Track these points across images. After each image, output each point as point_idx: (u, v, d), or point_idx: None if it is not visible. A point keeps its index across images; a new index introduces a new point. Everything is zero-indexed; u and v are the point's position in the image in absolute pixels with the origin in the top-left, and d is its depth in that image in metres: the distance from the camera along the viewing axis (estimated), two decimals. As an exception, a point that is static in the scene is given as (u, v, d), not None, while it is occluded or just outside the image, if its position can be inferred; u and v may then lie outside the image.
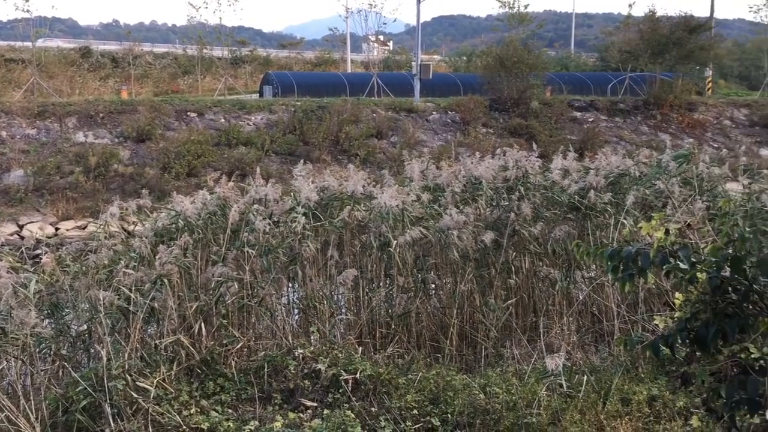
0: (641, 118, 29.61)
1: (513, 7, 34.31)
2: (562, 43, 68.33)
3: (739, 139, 28.87)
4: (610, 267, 2.98)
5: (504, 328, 7.73)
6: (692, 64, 33.25)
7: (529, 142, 18.45)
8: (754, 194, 8.38)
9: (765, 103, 33.57)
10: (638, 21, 34.66)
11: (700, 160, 9.69)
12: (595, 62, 49.63)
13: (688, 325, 2.86)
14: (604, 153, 10.50)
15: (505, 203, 8.23)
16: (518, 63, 27.58)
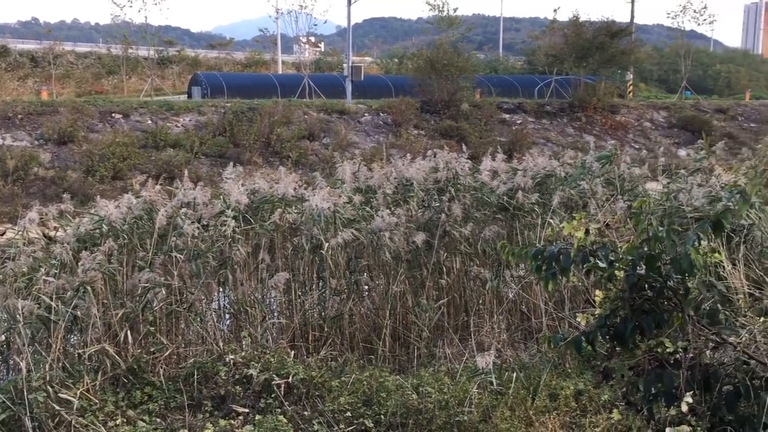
0: (567, 120, 30.47)
1: (442, 11, 34.77)
2: (491, 47, 69.63)
3: (658, 140, 30.06)
4: (534, 266, 3.05)
5: (436, 328, 7.82)
6: (614, 67, 34.44)
7: (460, 144, 18.72)
8: (672, 194, 8.72)
9: (682, 105, 35.11)
10: (563, 26, 35.68)
11: (622, 161, 10.01)
12: (522, 65, 50.76)
13: (607, 321, 2.96)
14: (531, 154, 10.75)
15: (436, 204, 8.33)
16: (448, 66, 27.97)
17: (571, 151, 11.52)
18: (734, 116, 34.83)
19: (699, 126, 30.33)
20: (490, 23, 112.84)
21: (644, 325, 2.85)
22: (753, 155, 11.48)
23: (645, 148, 25.03)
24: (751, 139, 27.00)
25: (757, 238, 7.90)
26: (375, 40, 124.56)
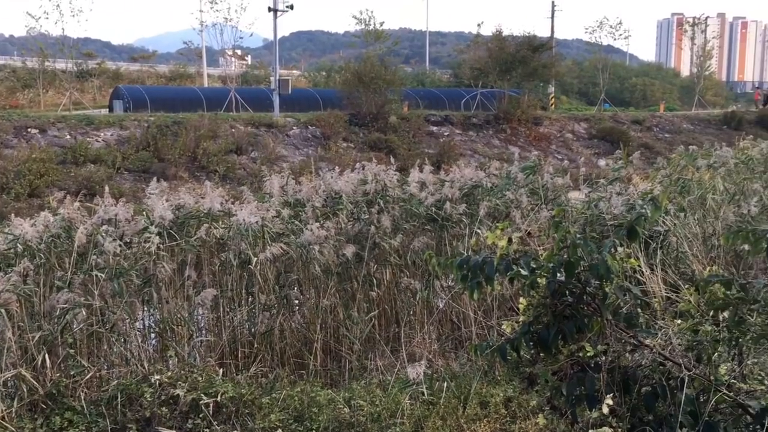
0: (493, 132, 31.14)
1: (369, 25, 35.07)
2: (418, 60, 70.62)
3: (580, 150, 31.07)
4: (459, 276, 3.09)
5: (368, 340, 7.81)
6: (537, 81, 35.52)
7: (389, 156, 18.85)
8: (592, 202, 9.01)
9: (602, 117, 36.44)
10: (487, 40, 36.57)
11: (545, 171, 10.29)
12: (449, 79, 51.67)
13: (531, 328, 3.02)
14: (458, 166, 10.93)
15: (366, 217, 8.34)
16: (376, 79, 28.19)
17: (497, 162, 11.78)
18: (650, 127, 36.39)
19: (617, 137, 31.55)
20: (416, 37, 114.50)
21: (566, 331, 2.93)
22: (667, 164, 12.02)
23: (567, 158, 25.84)
24: (666, 149, 28.27)
25: (672, 244, 8.26)
26: (302, 54, 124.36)
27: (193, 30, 39.03)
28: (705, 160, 11.65)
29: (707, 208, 9.65)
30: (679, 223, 8.59)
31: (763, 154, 12.49)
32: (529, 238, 3.25)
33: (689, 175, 11.06)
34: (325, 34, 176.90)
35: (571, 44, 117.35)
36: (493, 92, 34.90)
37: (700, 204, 9.77)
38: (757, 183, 10.50)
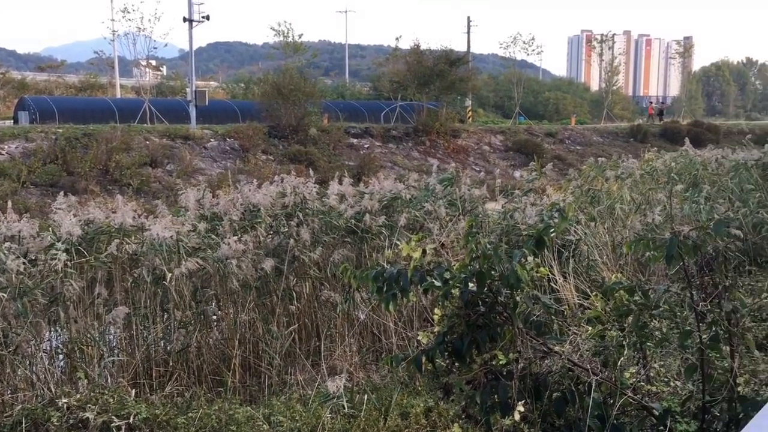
0: (412, 144, 31.52)
1: (288, 37, 34.92)
2: (338, 72, 70.82)
3: (496, 162, 31.83)
4: (374, 288, 3.10)
5: (288, 354, 7.71)
6: (454, 94, 36.24)
7: (309, 168, 18.77)
8: (508, 213, 9.24)
9: (517, 130, 37.50)
10: (405, 53, 37.04)
11: (463, 183, 10.47)
12: (368, 91, 52.03)
13: (445, 338, 3.06)
14: (378, 178, 10.99)
15: (285, 230, 8.26)
16: (295, 91, 28.08)
17: (415, 174, 11.92)
18: (562, 140, 37.71)
19: (532, 149, 32.52)
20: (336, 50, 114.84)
21: (479, 340, 2.98)
22: (578, 176, 12.47)
23: (484, 170, 26.45)
24: (577, 161, 29.31)
25: (584, 252, 8.55)
26: (220, 65, 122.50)
27: (105, 39, 37.79)
28: (613, 171, 12.14)
29: (616, 217, 10.04)
30: (589, 232, 8.91)
31: (666, 165, 13.12)
32: (443, 249, 3.30)
33: (599, 186, 11.49)
34: (243, 46, 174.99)
35: (487, 59, 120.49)
36: (412, 105, 35.37)
37: (609, 213, 10.15)
38: (660, 193, 11.02)
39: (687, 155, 13.89)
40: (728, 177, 12.28)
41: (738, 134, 34.25)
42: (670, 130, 41.31)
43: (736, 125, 48.16)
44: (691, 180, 12.14)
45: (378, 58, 59.58)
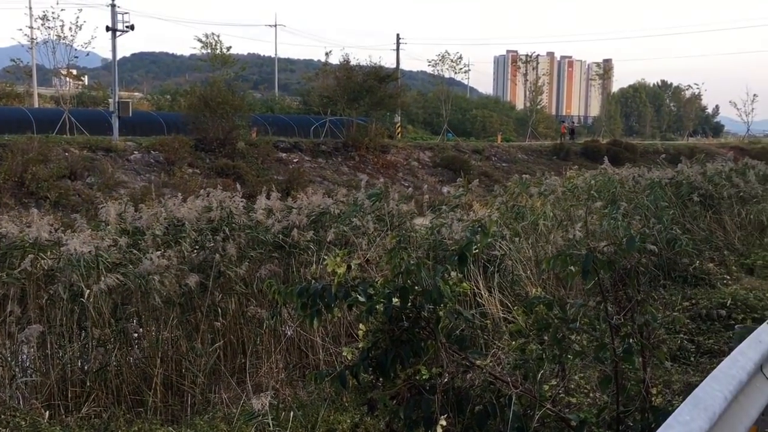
0: (342, 159, 31.56)
1: (215, 48, 34.48)
2: (267, 86, 70.36)
3: (425, 178, 32.23)
4: (299, 304, 3.08)
5: (212, 372, 7.55)
6: (384, 110, 36.54)
7: (236, 182, 18.53)
8: (435, 228, 9.35)
9: (445, 146, 38.11)
10: (335, 69, 37.15)
11: (391, 198, 10.55)
12: (298, 105, 51.87)
13: (370, 353, 3.06)
14: (306, 192, 10.94)
15: (210, 244, 8.11)
16: (223, 104, 27.71)
17: (344, 189, 11.93)
18: (489, 156, 38.51)
19: (459, 165, 33.07)
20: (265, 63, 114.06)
21: (403, 355, 3.00)
22: (504, 192, 12.76)
23: (413, 185, 26.70)
24: (503, 177, 29.97)
25: (508, 267, 8.73)
26: (145, 76, 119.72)
27: (22, 47, 36.36)
28: (537, 188, 12.46)
29: (539, 233, 10.29)
30: (514, 248, 9.10)
31: (586, 183, 13.57)
32: (369, 264, 3.30)
33: (523, 202, 11.77)
34: (169, 56, 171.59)
35: (417, 76, 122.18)
36: (341, 120, 35.46)
37: (533, 229, 10.40)
38: (581, 209, 11.38)
39: (606, 173, 14.41)
40: (644, 194, 12.81)
41: (654, 153, 35.76)
42: (591, 148, 42.80)
43: (652, 145, 50.33)
44: (610, 197, 12.58)
45: (308, 73, 59.53)
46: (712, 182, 14.15)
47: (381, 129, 35.26)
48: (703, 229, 12.60)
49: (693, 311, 8.11)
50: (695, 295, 8.87)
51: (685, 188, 13.59)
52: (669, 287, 9.73)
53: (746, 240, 12.77)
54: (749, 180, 15.07)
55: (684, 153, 31.32)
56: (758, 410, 3.19)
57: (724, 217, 13.28)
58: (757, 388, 3.27)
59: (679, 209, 12.90)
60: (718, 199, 13.61)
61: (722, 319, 7.73)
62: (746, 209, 13.58)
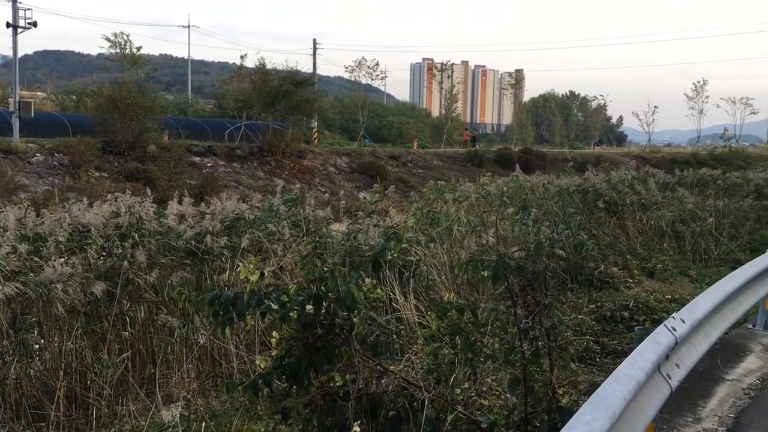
0: (257, 164, 31.14)
1: (125, 48, 33.37)
2: (180, 88, 68.68)
3: (342, 183, 32.21)
4: (210, 312, 3.01)
5: (120, 383, 7.27)
6: (300, 115, 36.32)
7: (147, 187, 17.97)
8: (351, 234, 9.36)
9: (362, 152, 38.23)
10: (250, 72, 36.66)
11: (308, 204, 10.48)
12: (212, 109, 50.91)
13: (283, 361, 3.03)
14: (220, 197, 10.74)
15: (119, 251, 7.83)
16: (133, 105, 26.84)
17: (259, 195, 11.78)
18: (405, 162, 38.90)
19: (376, 171, 33.24)
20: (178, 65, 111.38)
21: (317, 362, 2.98)
22: (419, 198, 12.92)
23: (330, 191, 26.67)
24: (419, 183, 30.32)
25: (424, 272, 8.84)
26: (49, 75, 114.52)
27: None
28: (451, 194, 12.68)
29: (453, 238, 10.47)
30: (429, 253, 9.22)
31: (499, 189, 13.92)
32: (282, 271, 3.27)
33: (438, 208, 11.95)
34: (75, 55, 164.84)
35: (333, 81, 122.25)
36: (257, 124, 35.00)
37: (448, 234, 10.57)
38: (494, 215, 11.66)
39: (517, 180, 14.83)
40: (553, 201, 13.27)
41: (562, 161, 37.10)
42: (504, 156, 43.94)
43: (561, 153, 52.16)
44: (521, 203, 12.95)
45: (223, 76, 58.49)
46: (616, 189, 14.80)
47: (298, 134, 35.01)
48: (607, 235, 13.14)
49: (598, 313, 8.43)
50: (600, 297, 9.23)
51: (591, 195, 14.16)
52: (576, 290, 10.10)
53: (647, 245, 13.41)
54: (650, 187, 15.86)
55: (590, 161, 32.64)
56: (656, 408, 3.35)
57: (627, 222, 13.90)
58: (655, 387, 3.44)
59: (586, 215, 13.42)
60: (622, 206, 14.24)
61: (625, 320, 8.08)
62: (647, 215, 14.26)
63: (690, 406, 5.02)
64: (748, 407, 5.10)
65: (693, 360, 4.49)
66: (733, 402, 5.20)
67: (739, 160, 45.48)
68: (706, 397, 5.27)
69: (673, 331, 3.89)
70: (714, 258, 13.32)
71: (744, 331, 7.43)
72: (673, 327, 3.94)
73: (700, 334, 4.85)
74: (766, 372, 6.01)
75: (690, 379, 5.28)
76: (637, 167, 26.80)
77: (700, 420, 4.82)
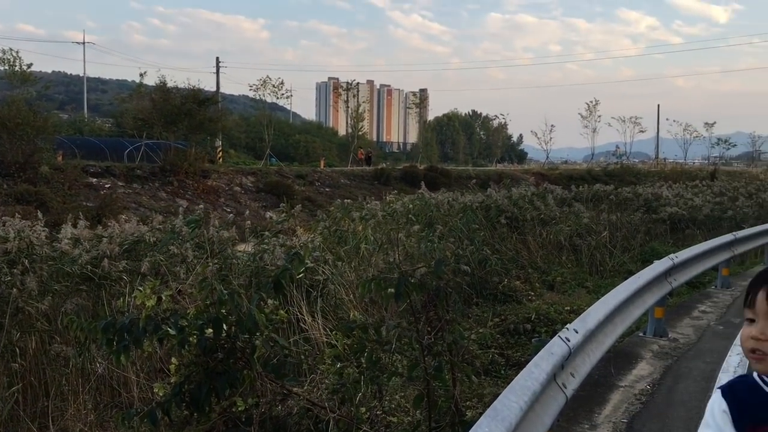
0: (159, 185, 30.23)
1: (13, 65, 31.76)
2: (75, 107, 65.92)
3: (248, 203, 31.71)
4: (104, 340, 2.90)
5: (10, 419, 6.84)
6: (204, 134, 35.56)
7: (39, 210, 17.09)
8: (257, 254, 9.22)
9: (268, 171, 37.84)
10: (151, 90, 35.66)
11: (212, 224, 10.26)
12: (110, 128, 49.13)
13: (182, 388, 2.94)
14: (118, 220, 10.35)
15: (8, 278, 7.40)
16: (23, 125, 25.51)
17: (160, 216, 11.42)
18: (312, 181, 38.77)
19: (283, 190, 32.94)
20: (73, 82, 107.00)
21: (218, 387, 2.91)
22: (327, 216, 12.90)
23: (236, 211, 26.21)
24: (326, 202, 30.25)
25: (332, 291, 8.82)
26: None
27: None
28: (358, 212, 12.73)
29: (361, 256, 10.51)
30: (336, 272, 9.22)
31: (405, 207, 14.10)
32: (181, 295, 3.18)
33: (345, 227, 11.97)
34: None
35: (239, 100, 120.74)
36: (159, 144, 34.02)
37: (355, 253, 10.60)
38: (401, 233, 11.79)
39: (423, 197, 15.06)
40: (458, 217, 13.56)
41: (466, 179, 37.97)
42: (410, 174, 44.54)
43: (465, 171, 53.44)
44: (427, 220, 13.16)
45: (121, 94, 56.62)
46: (517, 206, 15.30)
47: (201, 153, 34.24)
48: (510, 249, 13.54)
49: (502, 326, 8.65)
50: (504, 311, 9.49)
51: (494, 211, 14.57)
52: (481, 305, 10.34)
53: (547, 258, 13.91)
54: (548, 203, 16.50)
55: (493, 178, 33.62)
56: (552, 417, 3.47)
57: (528, 237, 14.38)
58: (551, 397, 3.56)
59: (489, 231, 13.79)
60: (523, 221, 14.72)
61: (528, 332, 8.33)
62: (546, 230, 14.81)
63: (586, 413, 5.23)
64: (639, 412, 5.37)
65: (587, 369, 4.68)
66: (626, 407, 5.46)
67: (630, 176, 48.03)
68: (601, 404, 5.51)
69: (567, 342, 4.04)
70: (609, 269, 13.98)
71: (635, 339, 7.83)
72: (567, 338, 4.10)
73: (593, 343, 5.07)
74: (656, 377, 6.34)
75: (586, 387, 5.51)
76: (536, 184, 27.84)
77: (595, 426, 5.02)
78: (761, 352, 1.61)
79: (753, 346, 1.62)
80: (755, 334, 1.61)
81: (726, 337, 7.88)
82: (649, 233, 17.83)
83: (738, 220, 19.62)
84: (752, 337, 1.62)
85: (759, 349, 1.61)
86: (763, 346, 1.60)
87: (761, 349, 1.60)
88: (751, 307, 1.65)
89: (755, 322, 1.62)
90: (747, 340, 1.65)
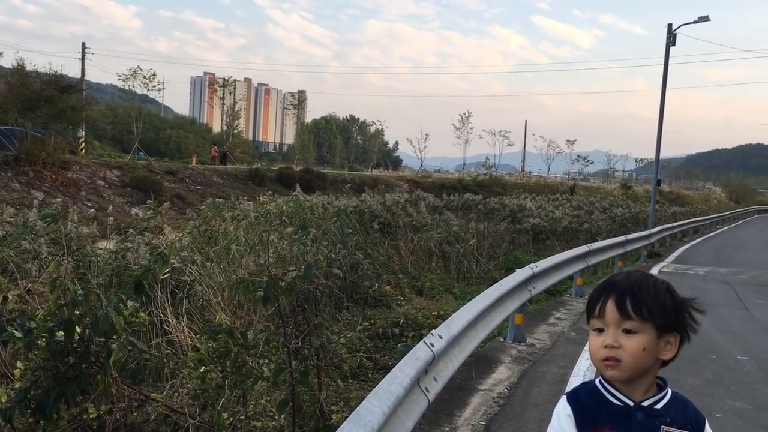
0: (12, 175, 28.15)
1: None
2: None
3: (112, 198, 30.20)
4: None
5: None
6: (65, 123, 33.49)
7: None
8: (120, 252, 8.79)
9: (136, 165, 36.19)
10: (7, 73, 33.15)
11: (70, 219, 9.68)
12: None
13: (28, 394, 2.74)
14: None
15: None
16: None
17: (12, 209, 10.63)
18: (183, 178, 37.50)
19: (151, 186, 31.60)
20: None
21: (68, 393, 2.73)
22: (197, 215, 12.52)
23: (98, 206, 24.85)
24: (198, 200, 29.36)
25: (199, 293, 8.55)
26: None
27: None
28: (230, 212, 12.46)
29: (232, 257, 10.28)
30: (205, 273, 8.95)
31: (279, 208, 13.96)
32: (30, 295, 2.96)
33: (216, 226, 11.67)
34: None
35: (106, 89, 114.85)
36: (13, 131, 31.62)
37: (226, 254, 10.36)
38: (273, 235, 11.65)
39: (298, 200, 14.98)
40: (332, 221, 13.59)
41: (342, 183, 38.12)
42: (285, 175, 44.16)
43: (340, 174, 53.65)
44: (301, 223, 13.09)
45: (-27, 75, 52.23)
46: (390, 211, 15.55)
47: (62, 143, 32.17)
48: (382, 254, 13.73)
49: (372, 330, 8.75)
50: (374, 315, 9.60)
51: (368, 216, 14.73)
52: (351, 309, 10.40)
53: (417, 264, 14.23)
54: (421, 210, 16.91)
55: (368, 183, 33.99)
56: (414, 421, 3.54)
57: (400, 243, 14.66)
58: (414, 401, 3.64)
59: (362, 235, 13.92)
60: (395, 227, 14.98)
61: (396, 337, 8.47)
62: (418, 236, 15.16)
63: (447, 416, 5.39)
64: (497, 414, 5.60)
65: (449, 373, 4.83)
66: (485, 410, 5.68)
67: (498, 187, 50.21)
68: (461, 407, 5.70)
69: (431, 347, 4.15)
70: (475, 276, 14.52)
71: (496, 344, 8.17)
72: (431, 343, 4.21)
73: (456, 348, 5.23)
74: (513, 381, 6.64)
75: (448, 391, 5.68)
76: (410, 191, 28.41)
77: (455, 429, 5.19)
78: (614, 359, 1.66)
79: (607, 354, 1.66)
80: (609, 342, 1.66)
81: (578, 343, 8.39)
82: (513, 242, 18.69)
83: (593, 233, 21.02)
84: (606, 346, 1.66)
85: (612, 357, 1.66)
86: (617, 353, 1.65)
87: (614, 356, 1.65)
88: (600, 317, 1.69)
89: (604, 331, 1.68)
90: (599, 350, 1.68)
